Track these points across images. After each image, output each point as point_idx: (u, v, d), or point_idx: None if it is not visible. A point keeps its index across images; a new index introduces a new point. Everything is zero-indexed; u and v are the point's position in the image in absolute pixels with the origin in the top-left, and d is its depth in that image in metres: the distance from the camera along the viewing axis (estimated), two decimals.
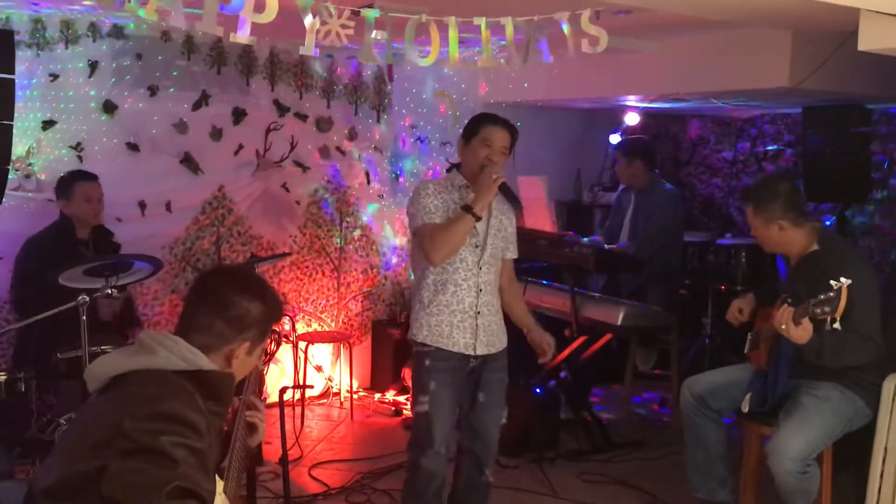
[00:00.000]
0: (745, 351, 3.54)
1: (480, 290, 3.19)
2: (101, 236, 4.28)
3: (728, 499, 3.57)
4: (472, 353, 3.17)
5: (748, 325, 3.60)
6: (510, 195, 3.21)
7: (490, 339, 3.22)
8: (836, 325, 2.90)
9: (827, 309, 2.87)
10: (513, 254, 3.37)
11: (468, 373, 3.20)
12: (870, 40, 3.10)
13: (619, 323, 4.33)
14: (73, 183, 4.15)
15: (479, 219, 3.08)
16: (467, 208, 3.06)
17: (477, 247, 3.18)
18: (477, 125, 3.22)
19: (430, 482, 3.17)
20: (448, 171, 3.36)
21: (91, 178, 4.22)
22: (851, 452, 3.32)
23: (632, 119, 6.16)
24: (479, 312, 3.18)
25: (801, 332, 3.01)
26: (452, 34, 3.31)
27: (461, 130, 3.29)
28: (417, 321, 3.19)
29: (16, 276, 4.17)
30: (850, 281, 2.84)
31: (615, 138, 6.43)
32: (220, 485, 1.99)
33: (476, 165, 3.16)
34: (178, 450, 1.74)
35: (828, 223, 5.28)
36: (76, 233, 4.17)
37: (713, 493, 3.57)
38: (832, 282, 2.86)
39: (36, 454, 3.56)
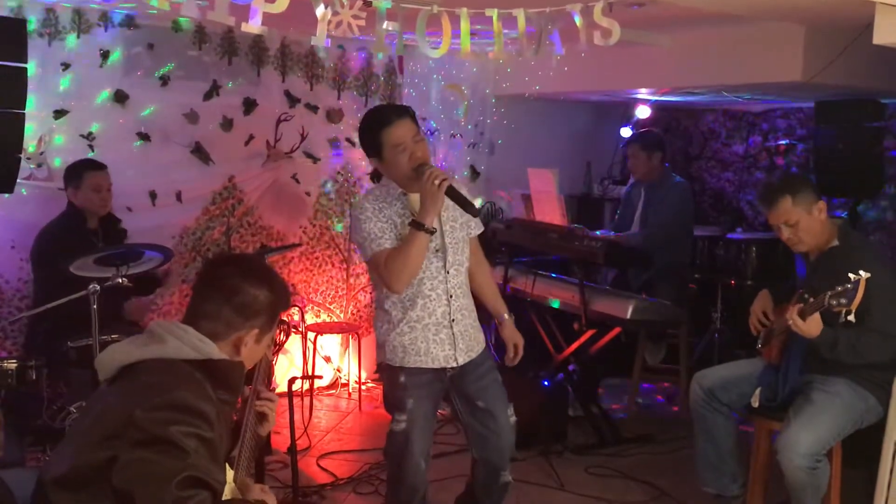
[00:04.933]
0: (758, 346, 3.52)
1: (451, 297, 2.93)
2: (109, 224, 4.28)
3: (739, 493, 3.57)
4: (455, 365, 2.96)
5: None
6: (460, 199, 2.80)
7: (469, 345, 3.00)
8: (851, 318, 2.87)
9: (843, 301, 2.84)
10: (477, 228, 3.07)
11: (448, 380, 3.00)
12: (885, 34, 3.08)
13: (628, 317, 4.32)
14: (82, 173, 4.13)
15: (433, 232, 2.79)
16: (417, 225, 2.74)
17: (438, 251, 2.89)
18: (376, 135, 2.82)
19: (414, 493, 3.03)
20: (373, 177, 3.07)
21: (99, 167, 4.19)
22: (862, 448, 3.31)
23: (643, 112, 6.14)
24: (453, 321, 2.94)
25: (810, 326, 2.99)
26: (464, 25, 3.31)
27: (362, 145, 2.95)
28: (389, 344, 2.93)
29: (34, 269, 4.19)
30: (868, 274, 2.81)
31: (626, 132, 6.41)
32: (229, 474, 1.99)
33: (405, 173, 2.82)
34: (188, 440, 1.74)
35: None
36: (86, 223, 4.17)
37: (725, 487, 3.56)
38: (850, 274, 2.82)
39: (46, 442, 3.59)
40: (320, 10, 2.99)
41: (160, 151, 4.80)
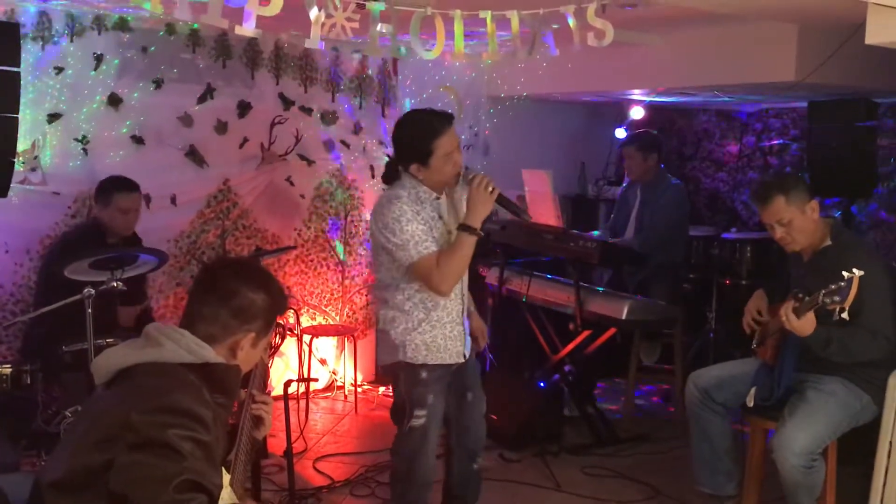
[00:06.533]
0: (753, 346, 3.53)
1: (464, 296, 3.10)
2: (131, 243, 4.20)
3: (734, 493, 3.57)
4: (462, 360, 3.10)
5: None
6: (511, 206, 3.00)
7: (468, 340, 3.17)
8: (844, 316, 2.88)
9: (837, 299, 2.85)
10: None
11: (451, 375, 3.12)
12: (877, 34, 3.09)
13: (623, 317, 4.33)
14: (112, 193, 4.09)
15: (482, 236, 2.92)
16: (469, 229, 2.88)
17: None
18: (427, 142, 2.89)
19: (424, 492, 3.11)
20: (387, 179, 3.05)
21: (131, 189, 4.13)
22: (857, 447, 3.32)
23: (637, 113, 6.15)
24: (463, 318, 3.11)
25: (804, 324, 3.00)
26: (458, 27, 3.31)
27: (398, 150, 3.00)
28: (411, 343, 3.00)
29: (40, 274, 4.17)
30: (862, 272, 2.82)
31: (620, 132, 6.42)
32: (226, 477, 1.99)
33: (447, 179, 2.96)
34: (185, 443, 1.74)
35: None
36: (106, 238, 4.12)
37: (720, 487, 3.57)
38: (844, 273, 2.83)
39: (41, 446, 3.58)
40: (314, 13, 2.98)
41: (154, 155, 4.78)
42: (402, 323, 3.02)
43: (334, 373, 5.54)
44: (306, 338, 5.19)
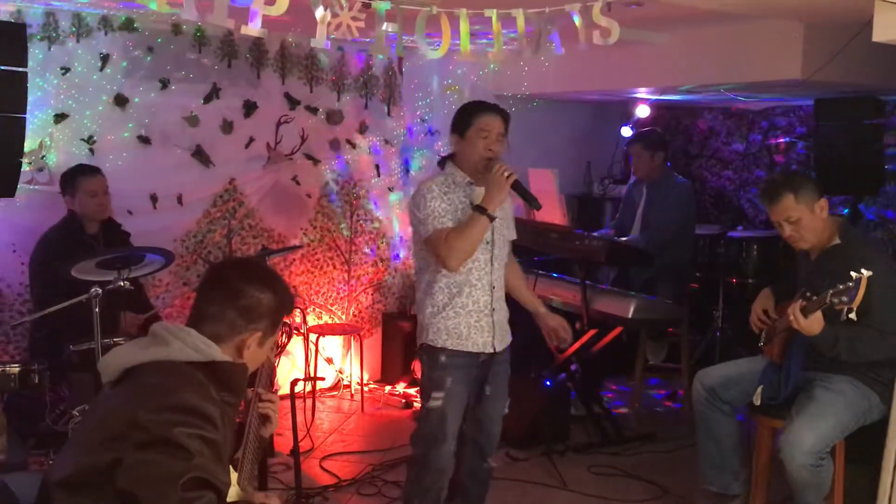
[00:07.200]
0: (760, 344, 3.52)
1: (493, 288, 3.15)
2: (110, 229, 4.27)
3: (741, 492, 3.57)
4: (492, 351, 3.15)
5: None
6: (525, 193, 3.13)
7: (503, 335, 3.22)
8: (852, 316, 2.87)
9: (845, 299, 2.84)
10: (511, 235, 3.30)
11: (478, 367, 3.18)
12: (884, 31, 3.08)
13: (629, 316, 4.33)
14: (76, 179, 4.13)
15: (494, 219, 3.01)
16: (481, 209, 2.97)
17: (488, 243, 3.11)
18: (470, 116, 3.11)
19: (439, 478, 3.15)
20: (440, 164, 3.26)
21: (93, 171, 4.18)
22: (865, 446, 3.30)
23: (643, 111, 6.14)
24: (493, 310, 3.15)
25: (812, 324, 2.99)
26: (464, 26, 3.30)
27: (452, 123, 3.20)
28: (433, 326, 3.11)
29: (32, 276, 4.19)
30: (870, 273, 2.81)
31: (626, 131, 6.41)
32: (233, 476, 2.00)
33: (476, 158, 3.08)
34: (193, 441, 1.74)
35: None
36: (85, 228, 4.16)
37: (727, 486, 3.56)
38: (852, 273, 2.83)
39: (49, 445, 3.59)
40: (319, 13, 2.98)
41: (160, 154, 4.80)
42: (429, 306, 3.13)
43: (340, 372, 5.54)
44: (312, 337, 5.20)
